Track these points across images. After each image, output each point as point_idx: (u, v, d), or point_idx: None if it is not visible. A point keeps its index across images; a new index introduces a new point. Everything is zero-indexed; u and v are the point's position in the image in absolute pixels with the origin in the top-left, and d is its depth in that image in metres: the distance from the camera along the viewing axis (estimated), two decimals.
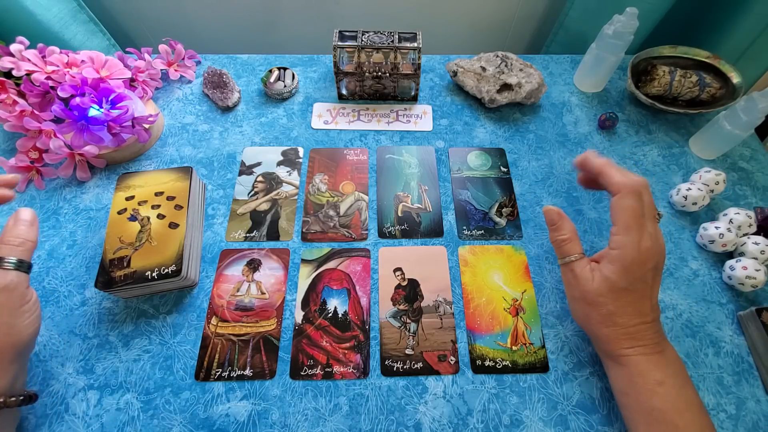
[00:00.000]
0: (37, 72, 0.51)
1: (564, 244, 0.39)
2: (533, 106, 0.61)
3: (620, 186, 0.35)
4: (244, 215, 0.50)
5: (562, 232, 0.39)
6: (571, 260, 0.38)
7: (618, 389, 0.37)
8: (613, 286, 0.35)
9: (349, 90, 0.61)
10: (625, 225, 0.34)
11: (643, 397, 0.34)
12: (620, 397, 0.36)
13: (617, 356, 0.36)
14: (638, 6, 0.53)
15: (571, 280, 0.38)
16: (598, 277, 0.36)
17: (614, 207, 0.35)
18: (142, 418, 0.38)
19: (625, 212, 0.35)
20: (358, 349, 0.42)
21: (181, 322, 0.43)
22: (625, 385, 0.36)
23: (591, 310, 0.36)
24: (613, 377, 0.37)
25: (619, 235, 0.35)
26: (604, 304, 0.35)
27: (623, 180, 0.35)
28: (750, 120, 0.49)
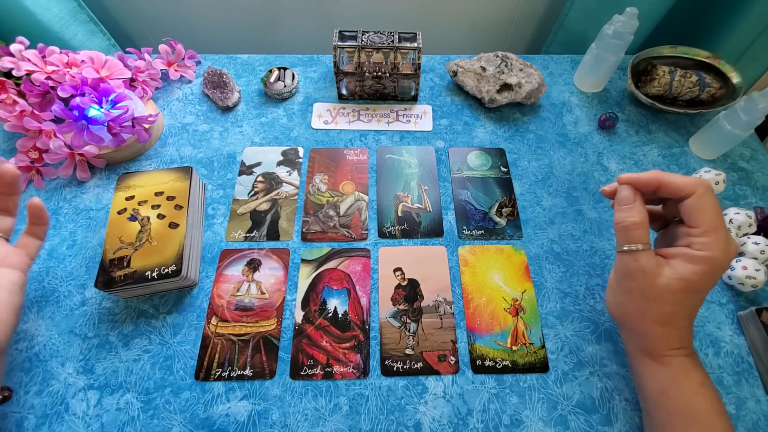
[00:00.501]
0: (37, 72, 0.51)
1: (635, 227, 0.34)
2: (533, 106, 0.61)
3: (694, 186, 0.32)
4: (244, 215, 0.50)
5: (634, 214, 0.34)
6: (638, 248, 0.33)
7: (655, 390, 0.35)
8: (688, 287, 0.32)
9: (349, 90, 0.61)
10: (713, 226, 0.32)
11: (685, 398, 0.33)
12: (657, 398, 0.34)
13: (661, 356, 0.34)
14: (638, 6, 0.53)
15: (634, 270, 0.33)
16: (671, 274, 0.32)
17: (693, 208, 0.32)
18: (142, 418, 0.38)
19: (709, 212, 0.32)
20: (358, 349, 0.42)
21: (181, 322, 0.43)
22: (665, 385, 0.34)
23: (649, 307, 0.33)
24: (651, 377, 0.35)
25: (705, 237, 0.32)
26: (668, 303, 0.33)
27: (693, 180, 0.32)
28: (750, 120, 0.49)
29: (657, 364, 0.35)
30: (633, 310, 0.35)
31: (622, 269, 0.35)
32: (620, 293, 0.36)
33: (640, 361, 0.36)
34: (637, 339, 0.36)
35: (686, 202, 0.33)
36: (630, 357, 0.38)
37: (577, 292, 0.46)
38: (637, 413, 0.39)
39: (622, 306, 0.36)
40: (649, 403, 0.35)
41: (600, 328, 0.44)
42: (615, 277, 0.37)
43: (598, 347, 0.43)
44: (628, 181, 0.35)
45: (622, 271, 0.35)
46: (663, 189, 0.34)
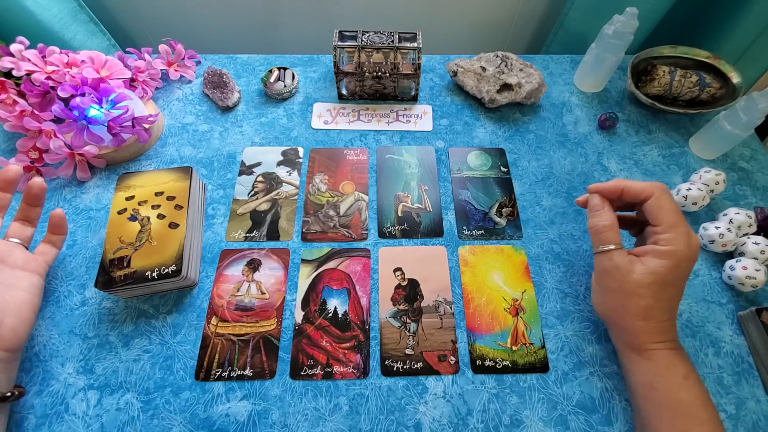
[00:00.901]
0: (37, 72, 0.51)
1: (605, 230, 0.38)
2: (533, 106, 0.61)
3: (651, 188, 0.37)
4: (244, 215, 0.50)
5: (603, 218, 0.38)
6: (610, 248, 0.37)
7: (642, 383, 0.36)
8: (658, 280, 0.35)
9: (349, 90, 0.61)
10: (672, 222, 0.35)
11: (671, 390, 0.34)
12: (644, 391, 0.36)
13: (645, 350, 0.36)
14: (638, 6, 0.53)
15: (610, 269, 0.37)
16: (642, 269, 0.35)
17: (653, 208, 0.36)
18: (142, 418, 0.38)
19: (668, 210, 0.36)
20: (358, 349, 0.42)
21: (181, 322, 0.43)
22: (651, 378, 0.35)
23: (628, 302, 0.36)
24: (637, 371, 0.37)
25: (667, 233, 0.35)
26: (643, 297, 0.35)
27: (651, 183, 0.37)
28: (750, 120, 0.49)
29: (643, 358, 0.36)
30: (615, 306, 0.37)
31: (599, 269, 0.38)
32: (601, 292, 0.39)
33: (627, 357, 0.38)
34: (622, 334, 0.38)
35: (647, 204, 0.37)
36: (619, 354, 0.39)
37: (577, 292, 0.46)
38: None
39: (605, 303, 0.39)
40: (637, 396, 0.37)
41: (600, 328, 0.44)
42: (595, 278, 0.40)
43: (598, 347, 0.43)
44: (597, 190, 0.40)
45: (599, 271, 0.38)
46: (626, 194, 0.38)
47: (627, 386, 0.39)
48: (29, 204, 0.41)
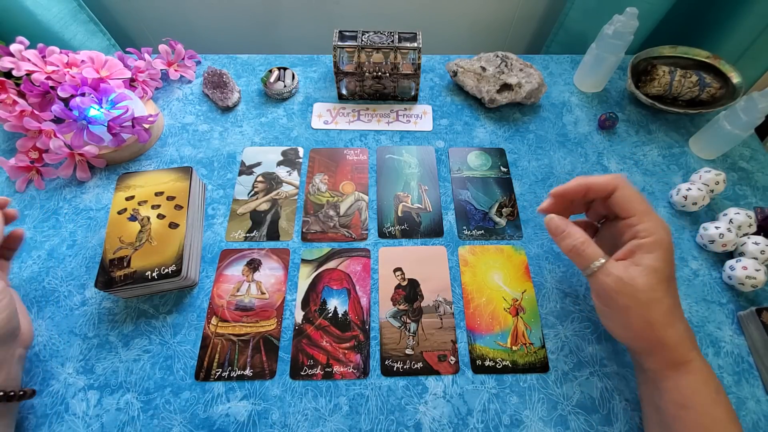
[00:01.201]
0: (37, 72, 0.51)
1: (584, 248, 0.34)
2: (533, 106, 0.61)
3: (615, 180, 0.35)
4: (244, 215, 0.50)
5: (575, 236, 0.34)
6: (601, 263, 0.33)
7: (675, 402, 0.32)
8: (662, 275, 0.32)
9: (349, 90, 0.61)
10: (644, 209, 0.33)
11: (706, 408, 0.31)
12: (676, 411, 0.32)
13: (685, 362, 0.32)
14: (638, 6, 0.53)
15: (615, 284, 0.32)
16: (639, 271, 0.32)
17: (621, 199, 0.34)
18: (142, 418, 0.38)
19: (636, 199, 0.34)
20: (358, 349, 0.42)
21: (181, 322, 0.43)
22: (686, 396, 0.32)
23: (650, 312, 0.32)
24: (672, 389, 0.32)
25: (643, 222, 0.33)
26: (661, 300, 0.32)
27: (612, 176, 0.35)
28: (750, 120, 0.49)
29: (681, 374, 0.32)
30: (641, 326, 0.33)
31: (603, 290, 0.33)
32: (616, 315, 0.34)
33: (663, 377, 0.33)
34: (660, 354, 0.33)
35: (615, 197, 0.35)
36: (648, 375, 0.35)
37: (577, 292, 0.46)
38: (637, 413, 0.39)
39: (629, 327, 0.33)
40: (666, 415, 0.33)
41: (600, 328, 0.44)
42: (602, 303, 0.34)
43: (598, 347, 0.43)
44: (561, 192, 0.37)
45: (604, 293, 0.33)
46: (591, 191, 0.36)
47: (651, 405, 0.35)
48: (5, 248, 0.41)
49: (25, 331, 0.38)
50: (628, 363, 0.42)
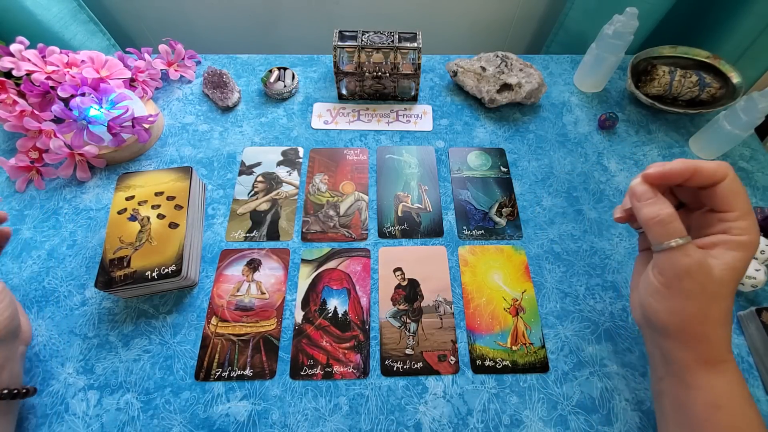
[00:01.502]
0: (37, 72, 0.51)
1: (672, 219, 0.30)
2: (533, 106, 0.61)
3: (725, 170, 0.31)
4: (244, 215, 0.50)
5: (664, 206, 0.30)
6: (684, 242, 0.30)
7: (707, 403, 0.31)
8: (736, 276, 0.30)
9: (349, 90, 0.61)
10: (748, 209, 0.31)
11: (741, 410, 0.30)
12: (708, 413, 0.30)
13: (721, 362, 0.31)
14: (638, 6, 0.53)
15: (691, 267, 0.29)
16: (720, 265, 0.30)
17: (728, 192, 0.31)
18: (142, 418, 0.38)
19: (744, 195, 0.31)
20: (358, 349, 0.42)
21: (181, 322, 0.43)
22: (719, 397, 0.30)
23: (711, 306, 0.30)
24: (705, 388, 0.31)
25: (743, 220, 0.30)
26: (725, 298, 0.30)
27: (722, 164, 0.31)
28: (750, 120, 0.49)
29: (715, 373, 0.31)
30: (695, 314, 0.30)
31: (673, 269, 0.30)
32: (673, 298, 0.31)
33: (694, 374, 0.31)
34: (697, 347, 0.31)
35: (721, 187, 0.31)
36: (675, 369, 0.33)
37: (577, 292, 0.46)
38: (637, 413, 0.39)
39: (679, 312, 0.31)
40: (692, 415, 0.31)
41: (600, 328, 0.44)
42: (663, 281, 0.31)
43: (598, 347, 0.43)
44: (662, 173, 0.31)
45: (673, 272, 0.30)
46: (697, 177, 0.31)
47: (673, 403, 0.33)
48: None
49: (24, 329, 0.39)
50: (628, 363, 0.42)
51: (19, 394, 0.35)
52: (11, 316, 0.35)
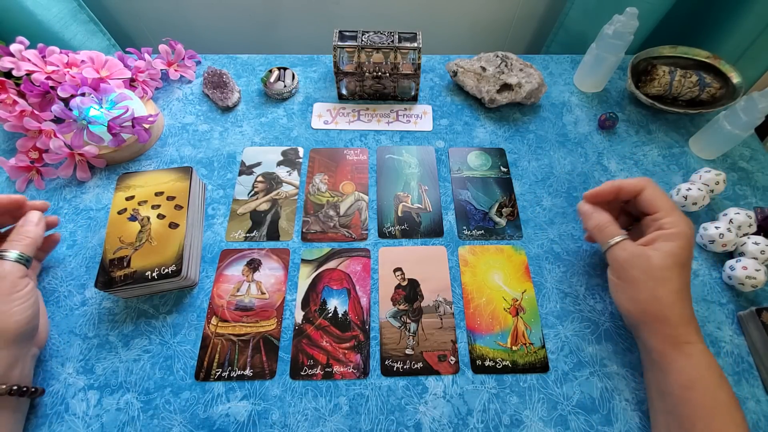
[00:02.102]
0: (37, 72, 0.51)
1: (606, 224, 0.39)
2: (533, 106, 0.61)
3: (642, 182, 0.39)
4: (244, 215, 0.50)
5: (600, 216, 0.40)
6: (620, 239, 0.38)
7: (680, 383, 0.34)
8: (678, 261, 0.35)
9: (349, 90, 0.61)
10: (670, 207, 0.38)
11: (711, 390, 0.33)
12: (681, 392, 0.34)
13: (687, 342, 0.35)
14: (638, 6, 0.53)
15: (630, 258, 0.37)
16: (659, 254, 0.36)
17: (650, 198, 0.39)
18: (142, 418, 0.38)
19: (663, 197, 0.38)
20: (358, 349, 0.42)
21: (181, 322, 0.43)
22: (691, 378, 0.34)
23: (659, 288, 0.35)
24: (675, 371, 0.34)
25: (669, 216, 0.37)
26: (671, 280, 0.35)
27: (639, 178, 0.40)
28: (750, 120, 0.49)
29: (683, 355, 0.35)
30: (647, 298, 0.36)
31: (618, 263, 0.38)
32: (627, 287, 0.37)
33: (665, 356, 0.35)
34: (660, 329, 0.36)
35: (643, 195, 0.39)
36: (652, 358, 0.36)
37: (577, 292, 0.46)
38: (637, 413, 0.39)
39: (635, 299, 0.37)
40: (671, 398, 0.35)
41: (600, 328, 0.44)
42: (615, 275, 0.39)
43: (598, 347, 0.43)
44: (594, 195, 0.41)
45: (619, 265, 0.38)
46: (622, 191, 0.40)
47: (655, 391, 0.37)
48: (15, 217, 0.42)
49: (41, 331, 0.39)
50: (628, 363, 0.42)
51: (27, 392, 0.35)
52: (31, 318, 0.36)
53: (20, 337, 0.35)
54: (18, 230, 0.39)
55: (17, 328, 0.35)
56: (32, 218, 0.40)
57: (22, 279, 0.36)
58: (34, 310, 0.36)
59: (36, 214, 0.40)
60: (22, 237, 0.38)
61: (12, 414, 0.35)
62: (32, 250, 0.38)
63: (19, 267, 0.36)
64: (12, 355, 0.35)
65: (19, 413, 0.36)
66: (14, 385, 0.34)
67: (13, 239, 0.38)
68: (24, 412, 0.37)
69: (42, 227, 0.40)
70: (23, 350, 0.36)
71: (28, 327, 0.36)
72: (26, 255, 0.37)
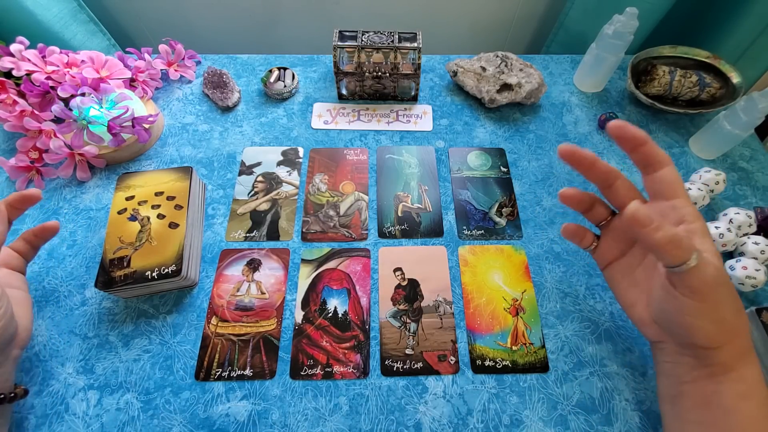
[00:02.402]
0: (37, 72, 0.51)
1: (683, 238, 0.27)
2: (533, 106, 0.61)
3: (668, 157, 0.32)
4: (244, 215, 0.50)
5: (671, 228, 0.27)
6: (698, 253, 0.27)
7: (739, 393, 0.30)
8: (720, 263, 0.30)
9: (349, 90, 0.61)
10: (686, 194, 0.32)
11: (765, 400, 0.30)
12: (737, 402, 0.30)
13: (750, 351, 0.31)
14: (638, 6, 0.53)
15: (718, 276, 0.28)
16: (716, 259, 0.29)
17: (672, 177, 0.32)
18: (142, 418, 0.38)
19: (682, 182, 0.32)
20: (358, 349, 0.42)
21: (181, 322, 0.43)
22: (751, 386, 0.31)
23: (737, 301, 0.30)
24: (738, 379, 0.31)
25: (689, 206, 0.31)
26: (732, 292, 0.30)
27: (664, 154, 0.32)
28: (750, 120, 0.49)
29: (747, 364, 0.31)
30: (733, 313, 0.30)
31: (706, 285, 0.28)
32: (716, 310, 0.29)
33: (730, 367, 0.31)
34: (738, 341, 0.31)
35: (665, 172, 0.32)
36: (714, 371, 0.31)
37: (577, 292, 0.46)
38: (637, 413, 0.39)
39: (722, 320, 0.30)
40: (720, 410, 0.31)
41: (600, 328, 0.44)
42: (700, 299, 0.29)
43: (598, 347, 0.43)
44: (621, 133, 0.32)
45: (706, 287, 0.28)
46: (648, 149, 0.32)
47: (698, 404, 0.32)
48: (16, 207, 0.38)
49: (22, 331, 0.37)
50: (628, 363, 0.42)
51: (6, 398, 0.34)
52: (4, 327, 0.33)
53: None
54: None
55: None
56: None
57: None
58: (6, 320, 0.34)
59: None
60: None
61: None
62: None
63: None
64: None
65: (3, 418, 0.35)
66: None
67: None
68: (8, 416, 0.36)
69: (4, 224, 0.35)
70: (2, 356, 0.34)
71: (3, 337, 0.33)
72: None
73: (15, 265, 0.40)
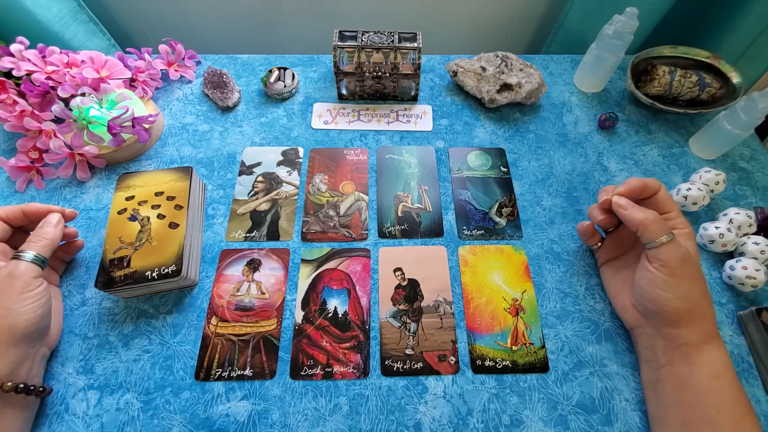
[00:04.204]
0: (37, 72, 0.51)
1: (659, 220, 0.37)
2: (533, 106, 0.61)
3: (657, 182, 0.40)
4: (244, 215, 0.50)
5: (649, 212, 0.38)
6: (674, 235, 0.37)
7: (710, 374, 0.35)
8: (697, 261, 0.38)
9: (349, 90, 0.61)
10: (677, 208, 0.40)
11: (735, 379, 0.35)
12: (710, 382, 0.35)
13: (716, 336, 0.37)
14: (638, 6, 0.53)
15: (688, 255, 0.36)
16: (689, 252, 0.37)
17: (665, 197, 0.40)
18: (142, 418, 0.38)
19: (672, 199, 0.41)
20: (358, 349, 0.42)
21: (181, 322, 0.43)
22: (720, 367, 0.35)
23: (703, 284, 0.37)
24: (708, 361, 0.35)
25: (680, 217, 0.40)
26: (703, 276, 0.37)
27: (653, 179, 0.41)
28: (750, 120, 0.49)
29: (714, 347, 0.36)
30: (698, 294, 0.36)
31: (675, 259, 0.36)
32: (681, 285, 0.36)
33: (698, 348, 0.36)
34: (702, 323, 0.36)
35: (659, 195, 0.40)
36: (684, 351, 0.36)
37: (577, 292, 0.46)
38: (637, 413, 0.39)
39: (687, 295, 0.36)
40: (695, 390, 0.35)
41: (600, 328, 0.44)
42: (668, 272, 0.36)
43: (598, 347, 0.43)
44: (627, 191, 0.40)
45: (678, 261, 0.36)
46: (647, 188, 0.40)
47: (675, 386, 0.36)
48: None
49: (53, 332, 0.40)
50: (628, 363, 0.42)
51: (34, 390, 0.35)
52: (41, 317, 0.36)
53: (29, 335, 0.35)
54: (37, 231, 0.40)
55: (27, 327, 0.35)
56: (51, 220, 0.40)
57: (35, 279, 0.37)
58: (45, 310, 0.37)
59: (55, 216, 0.41)
60: (40, 238, 0.39)
61: (20, 412, 0.35)
62: (48, 252, 0.39)
63: (33, 267, 0.37)
64: (20, 353, 0.35)
65: (28, 412, 0.36)
66: (21, 383, 0.34)
67: (32, 240, 0.39)
68: (33, 411, 0.37)
69: (60, 229, 0.41)
70: (32, 349, 0.37)
71: (38, 326, 0.36)
72: (42, 256, 0.38)
73: (52, 280, 0.44)
